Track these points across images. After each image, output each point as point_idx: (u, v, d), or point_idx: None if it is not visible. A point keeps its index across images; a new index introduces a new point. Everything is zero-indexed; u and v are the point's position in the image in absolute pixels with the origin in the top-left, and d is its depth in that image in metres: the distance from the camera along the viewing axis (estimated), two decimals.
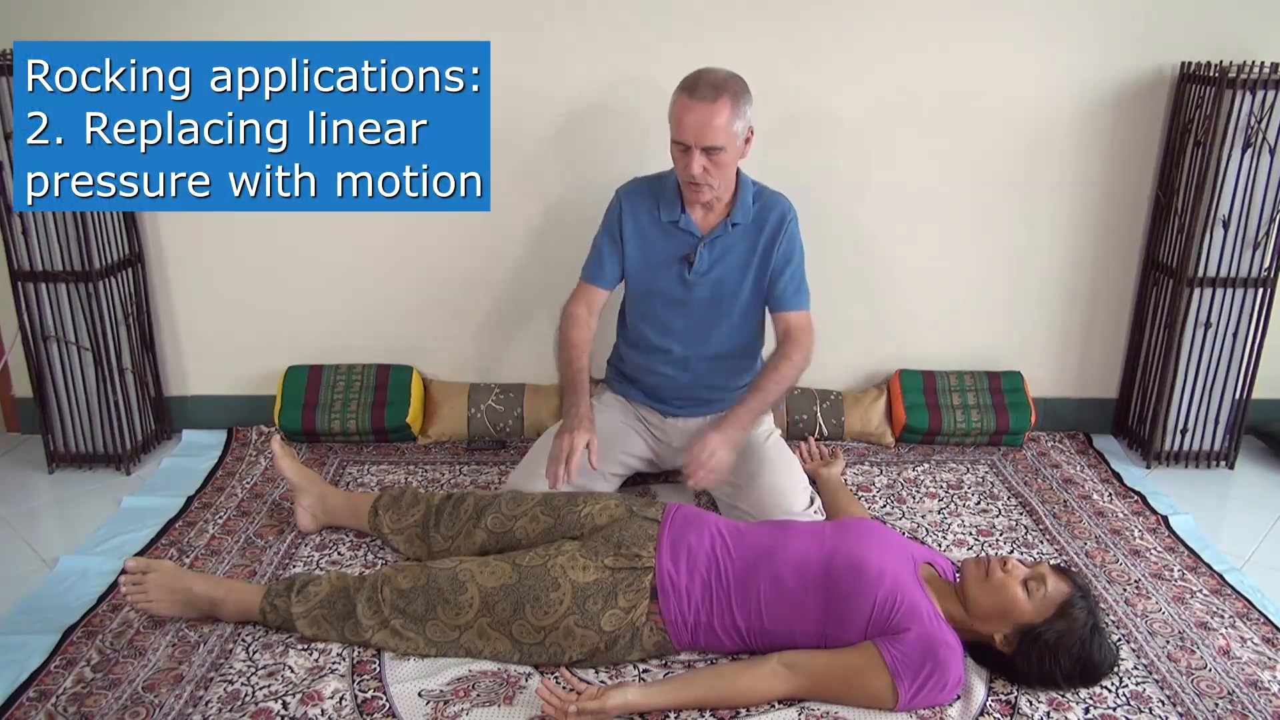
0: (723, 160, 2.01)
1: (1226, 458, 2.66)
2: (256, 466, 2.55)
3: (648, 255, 2.19)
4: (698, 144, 1.97)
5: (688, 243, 2.15)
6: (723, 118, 1.96)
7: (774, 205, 2.16)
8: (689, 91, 1.97)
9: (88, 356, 2.48)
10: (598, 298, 2.24)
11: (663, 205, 2.16)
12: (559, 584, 1.69)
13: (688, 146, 1.98)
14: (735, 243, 2.15)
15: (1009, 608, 1.63)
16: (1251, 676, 1.74)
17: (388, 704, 1.62)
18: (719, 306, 2.19)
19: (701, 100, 1.95)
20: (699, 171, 1.99)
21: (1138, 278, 2.71)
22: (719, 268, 2.16)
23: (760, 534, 1.79)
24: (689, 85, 1.98)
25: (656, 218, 2.16)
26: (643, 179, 2.22)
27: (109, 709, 1.62)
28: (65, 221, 2.37)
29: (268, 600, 1.79)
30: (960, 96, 2.54)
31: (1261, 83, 2.32)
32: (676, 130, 1.99)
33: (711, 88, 1.96)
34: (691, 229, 2.15)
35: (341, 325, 2.73)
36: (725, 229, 2.14)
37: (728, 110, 1.96)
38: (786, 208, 2.17)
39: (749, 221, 2.14)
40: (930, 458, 2.62)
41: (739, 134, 2.01)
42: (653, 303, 2.22)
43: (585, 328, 2.21)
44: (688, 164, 1.99)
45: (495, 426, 2.69)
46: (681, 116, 1.97)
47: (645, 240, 2.18)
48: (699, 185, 2.03)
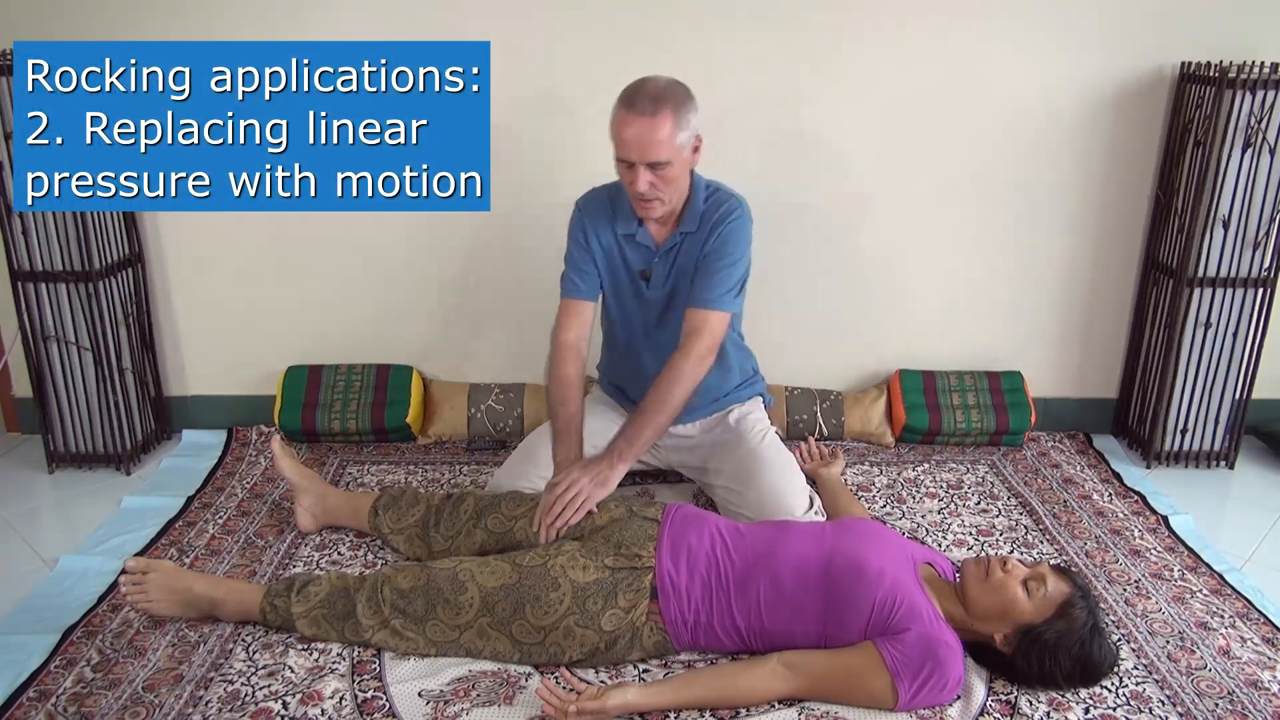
0: (670, 174, 1.92)
1: (1226, 458, 2.66)
2: (256, 466, 2.55)
3: (610, 268, 2.14)
4: (642, 160, 1.88)
5: (644, 257, 2.11)
6: (665, 131, 1.86)
7: (721, 205, 2.05)
8: (628, 105, 1.87)
9: (88, 356, 2.48)
10: (584, 313, 2.14)
11: (619, 218, 2.08)
12: (559, 584, 1.69)
13: (632, 163, 1.90)
14: (688, 252, 2.08)
15: (1009, 608, 1.63)
16: (1251, 676, 1.74)
17: (388, 704, 1.62)
18: (681, 317, 2.10)
19: (642, 114, 1.85)
20: (646, 188, 1.91)
21: (1138, 278, 2.71)
22: (674, 279, 2.10)
23: (760, 534, 1.79)
24: (628, 99, 1.88)
25: (614, 231, 2.10)
26: (601, 189, 2.14)
27: (109, 709, 1.62)
28: (65, 221, 2.37)
29: (268, 600, 1.79)
30: (960, 96, 2.54)
31: (1261, 83, 2.32)
32: (619, 147, 1.91)
33: (651, 100, 1.86)
34: (648, 242, 2.08)
35: (341, 325, 2.73)
36: (677, 239, 2.07)
37: (670, 123, 1.86)
38: (732, 207, 2.05)
39: (700, 230, 2.05)
40: (930, 458, 2.62)
41: (684, 145, 1.92)
42: (620, 315, 2.19)
43: (576, 360, 2.11)
44: (633, 181, 1.92)
45: (495, 426, 2.69)
46: (622, 132, 1.88)
47: (606, 254, 2.13)
48: (648, 201, 1.95)
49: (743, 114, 2.53)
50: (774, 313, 2.69)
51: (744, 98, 2.52)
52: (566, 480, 1.91)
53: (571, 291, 2.14)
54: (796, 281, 2.70)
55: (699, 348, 2.01)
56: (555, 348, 2.13)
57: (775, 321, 2.70)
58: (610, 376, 2.35)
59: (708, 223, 2.05)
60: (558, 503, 1.88)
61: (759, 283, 2.68)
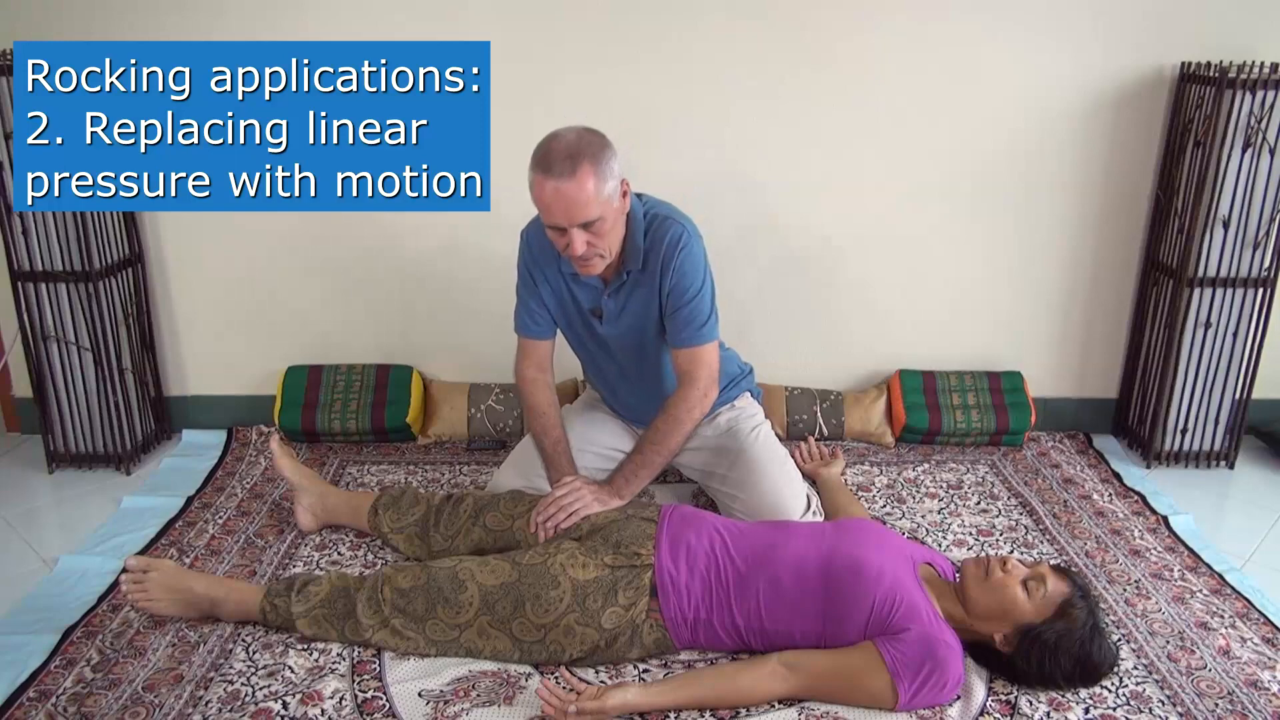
0: (604, 228, 1.82)
1: (1226, 458, 2.66)
2: (256, 466, 2.55)
3: (560, 305, 2.08)
4: (571, 223, 1.78)
5: (592, 295, 2.03)
6: (589, 189, 1.75)
7: (664, 234, 1.94)
8: (544, 170, 1.76)
9: (88, 356, 2.48)
10: (541, 350, 2.11)
11: (563, 256, 1.94)
12: (559, 582, 1.69)
13: (563, 228, 1.80)
14: (636, 286, 1.99)
15: (1009, 607, 1.63)
16: (1251, 676, 1.74)
17: (388, 704, 1.62)
18: (641, 351, 2.07)
19: (561, 177, 1.74)
20: (583, 248, 1.81)
21: (1138, 278, 2.71)
22: (627, 315, 2.03)
23: (759, 533, 1.79)
24: (542, 163, 1.77)
25: (559, 269, 2.02)
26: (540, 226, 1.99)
27: (109, 709, 1.62)
28: (65, 221, 2.37)
29: (268, 600, 1.79)
30: (960, 96, 2.54)
31: (1261, 83, 2.32)
32: (544, 214, 1.81)
33: (567, 159, 1.75)
34: (593, 281, 2.00)
35: (341, 325, 2.74)
36: (622, 278, 1.99)
37: (591, 179, 1.75)
38: (677, 234, 1.94)
39: (642, 265, 1.96)
40: (930, 458, 2.62)
41: (612, 195, 1.80)
42: (582, 350, 2.17)
43: (544, 388, 2.10)
44: (568, 245, 1.81)
45: (495, 426, 2.69)
46: (544, 199, 1.78)
47: (554, 291, 2.06)
48: (588, 260, 1.86)
49: (741, 112, 2.53)
50: (774, 313, 2.69)
51: (743, 95, 2.52)
52: (569, 486, 1.94)
53: (523, 330, 2.11)
54: (796, 281, 2.69)
55: (697, 389, 2.00)
56: (519, 383, 2.13)
57: (776, 321, 2.70)
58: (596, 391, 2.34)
59: (655, 257, 1.95)
60: (554, 504, 1.91)
61: (759, 283, 2.69)
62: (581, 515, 1.90)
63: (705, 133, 2.56)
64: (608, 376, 2.20)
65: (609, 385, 2.23)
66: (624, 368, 2.15)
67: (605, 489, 1.99)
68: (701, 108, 2.53)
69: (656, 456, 2.02)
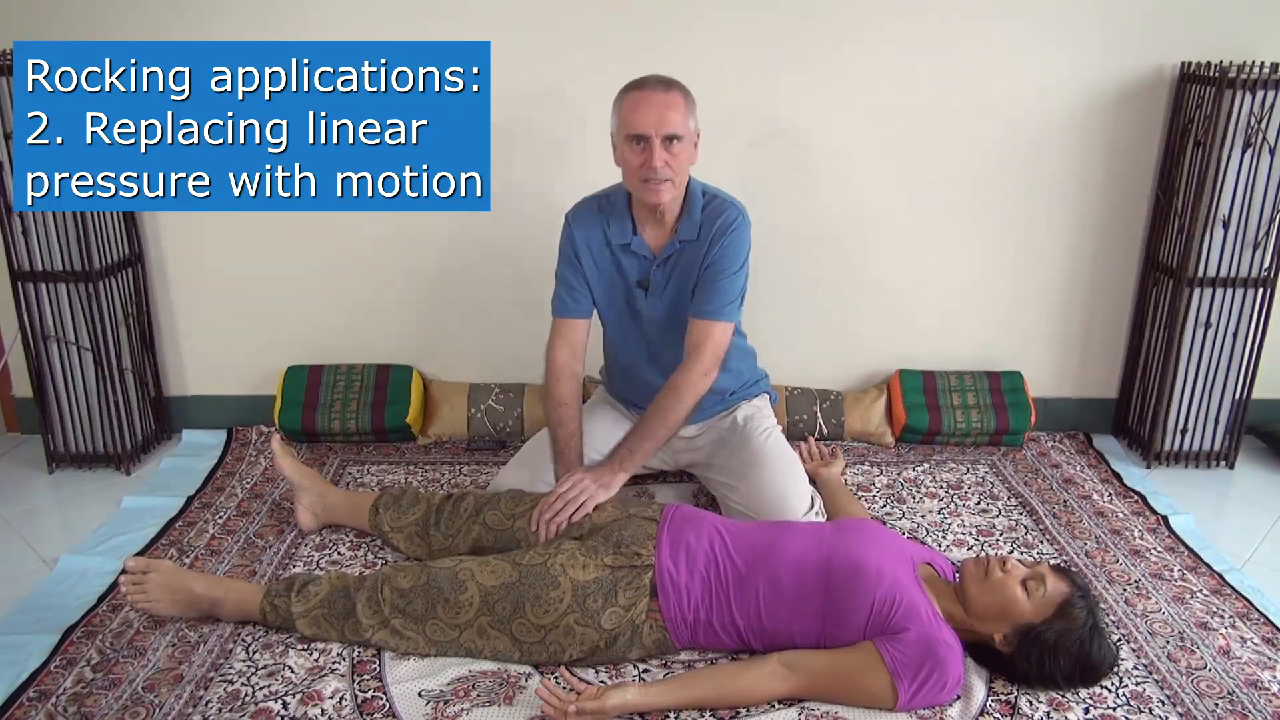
0: (682, 153, 1.93)
1: (1226, 458, 2.66)
2: (256, 466, 2.55)
3: (605, 280, 2.11)
4: (659, 132, 1.89)
5: (641, 266, 2.08)
6: (679, 105, 1.92)
7: (720, 213, 2.03)
8: (639, 86, 1.93)
9: (88, 356, 2.48)
10: (577, 332, 2.13)
11: (613, 227, 2.06)
12: (559, 582, 1.69)
13: (646, 139, 1.89)
14: (686, 261, 2.05)
15: (1008, 607, 1.63)
16: (1251, 676, 1.74)
17: (388, 704, 1.62)
18: (682, 326, 2.08)
19: (656, 90, 1.91)
20: (662, 163, 1.90)
21: (1138, 278, 2.71)
22: (673, 288, 2.08)
23: (759, 533, 1.79)
24: (637, 82, 1.94)
25: (606, 242, 2.07)
26: (591, 199, 2.12)
27: (109, 709, 1.62)
28: (65, 221, 2.37)
29: (268, 600, 1.79)
30: (960, 96, 2.54)
31: (1261, 83, 2.32)
32: (631, 124, 1.90)
33: (662, 82, 1.93)
34: (644, 251, 2.06)
35: (341, 325, 2.73)
36: (675, 247, 2.05)
37: (682, 102, 1.93)
38: (732, 215, 2.03)
39: (698, 239, 2.04)
40: (930, 458, 2.62)
41: (694, 131, 1.96)
42: (618, 326, 2.18)
43: (571, 378, 2.10)
44: (649, 158, 1.90)
45: (495, 426, 2.69)
46: (637, 107, 1.90)
47: (600, 266, 2.10)
48: (660, 182, 1.93)
49: (742, 115, 2.53)
50: (775, 313, 2.69)
51: (743, 99, 2.52)
52: (571, 479, 1.93)
53: (561, 310, 2.13)
54: (797, 282, 2.70)
55: (701, 364, 2.02)
56: (549, 367, 2.12)
57: (776, 321, 2.69)
58: (613, 388, 2.35)
59: (708, 232, 2.03)
60: (559, 499, 1.89)
61: (759, 283, 2.68)
62: (590, 507, 1.89)
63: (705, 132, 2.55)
64: (633, 359, 2.20)
65: (630, 369, 2.22)
66: (653, 346, 2.16)
67: (606, 467, 1.97)
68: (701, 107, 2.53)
69: (659, 428, 2.01)
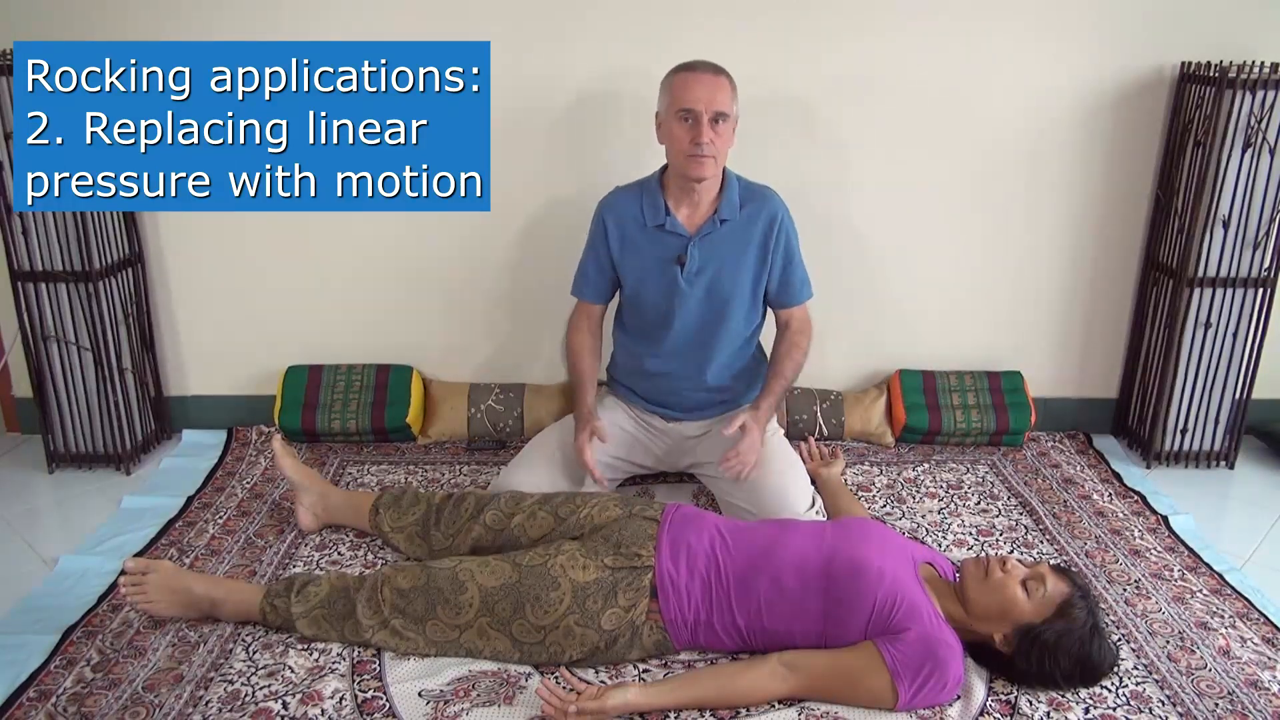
0: (724, 133, 2.04)
1: (1226, 458, 2.66)
2: (256, 466, 2.55)
3: (638, 264, 2.16)
4: (709, 109, 1.99)
5: (677, 244, 2.13)
6: (727, 88, 2.03)
7: (764, 203, 2.15)
8: (689, 68, 2.03)
9: (88, 356, 2.48)
10: (594, 313, 2.29)
11: (647, 209, 2.13)
12: (559, 583, 1.69)
13: (697, 115, 1.99)
14: (726, 240, 2.12)
15: (1008, 607, 1.63)
16: (1251, 676, 1.74)
17: (388, 704, 1.62)
18: (716, 308, 2.15)
19: (705, 72, 2.02)
20: (708, 140, 2.00)
21: (1138, 278, 2.71)
22: (712, 267, 2.13)
23: (760, 533, 1.79)
24: (687, 64, 2.05)
25: (642, 224, 2.14)
26: (623, 189, 2.20)
27: (109, 709, 1.62)
28: (65, 221, 2.37)
29: (268, 600, 1.79)
30: (960, 96, 2.54)
31: (1261, 83, 2.32)
32: (683, 100, 2.00)
33: (711, 66, 2.03)
34: (679, 229, 2.12)
35: (341, 325, 2.73)
36: (714, 226, 2.11)
37: (729, 86, 2.04)
38: (777, 204, 2.16)
39: (738, 219, 2.12)
40: (930, 458, 2.62)
41: (736, 115, 2.07)
42: (650, 311, 2.19)
43: (588, 334, 2.28)
44: (697, 135, 2.00)
45: (495, 426, 2.69)
46: (689, 85, 2.00)
47: (634, 249, 2.15)
48: (704, 158, 2.01)
49: (742, 113, 2.52)
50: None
51: (743, 97, 2.51)
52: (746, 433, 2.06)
53: (581, 292, 2.27)
54: None
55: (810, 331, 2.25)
56: (571, 334, 2.30)
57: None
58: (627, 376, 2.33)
59: (754, 218, 2.13)
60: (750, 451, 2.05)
61: None
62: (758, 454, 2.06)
63: None
64: (659, 344, 2.20)
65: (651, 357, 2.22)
66: (685, 332, 2.18)
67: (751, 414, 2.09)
68: None
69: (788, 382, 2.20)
